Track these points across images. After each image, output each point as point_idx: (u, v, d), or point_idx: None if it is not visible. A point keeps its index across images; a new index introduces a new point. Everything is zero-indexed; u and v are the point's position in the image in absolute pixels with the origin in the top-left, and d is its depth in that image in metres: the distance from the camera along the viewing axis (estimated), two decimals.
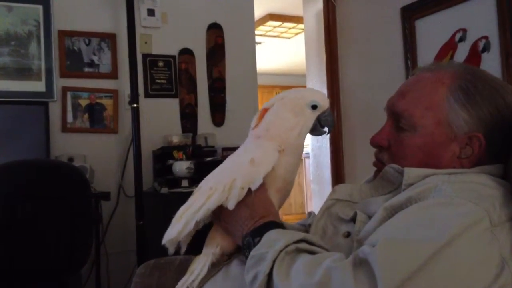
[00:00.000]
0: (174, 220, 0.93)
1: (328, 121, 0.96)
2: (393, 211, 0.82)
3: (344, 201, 1.00)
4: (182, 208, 0.94)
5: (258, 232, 0.85)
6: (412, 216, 0.78)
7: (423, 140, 0.92)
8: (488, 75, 0.96)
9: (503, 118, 0.90)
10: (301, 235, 0.81)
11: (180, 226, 0.90)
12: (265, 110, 0.96)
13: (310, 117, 0.95)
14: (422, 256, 0.68)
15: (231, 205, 0.87)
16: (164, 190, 2.64)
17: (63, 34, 2.96)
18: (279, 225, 0.87)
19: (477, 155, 0.90)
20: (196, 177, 2.69)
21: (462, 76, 0.93)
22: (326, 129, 0.97)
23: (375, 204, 0.90)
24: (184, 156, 2.76)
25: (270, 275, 0.75)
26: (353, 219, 0.91)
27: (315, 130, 0.97)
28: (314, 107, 0.94)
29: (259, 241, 0.83)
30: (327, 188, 3.92)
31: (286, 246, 0.77)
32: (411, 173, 0.89)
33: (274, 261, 0.76)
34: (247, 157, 0.91)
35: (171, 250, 0.93)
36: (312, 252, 0.78)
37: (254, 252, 0.80)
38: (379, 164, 1.00)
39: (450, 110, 0.90)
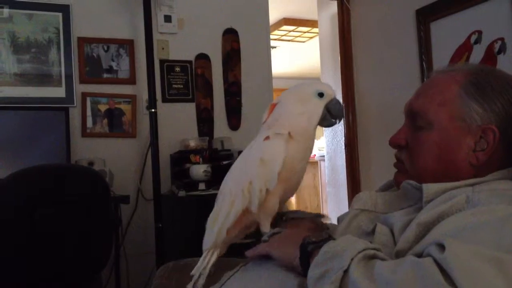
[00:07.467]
0: (207, 228, 1.01)
1: (337, 108, 1.00)
2: (427, 228, 0.80)
3: (368, 211, 1.00)
4: (211, 216, 1.01)
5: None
6: (467, 221, 0.76)
7: (438, 136, 0.92)
8: (502, 72, 0.96)
9: None
10: (376, 245, 0.79)
11: (214, 235, 0.98)
12: (274, 105, 1.02)
13: (318, 105, 0.99)
14: (494, 259, 0.65)
15: (254, 208, 0.95)
16: (182, 193, 2.67)
17: (82, 41, 3.01)
18: None
19: (492, 148, 0.90)
20: (213, 180, 2.73)
21: (474, 73, 0.94)
22: (336, 120, 1.01)
23: (393, 217, 0.90)
24: (201, 159, 2.79)
25: (345, 272, 0.72)
26: (374, 231, 0.90)
27: (325, 120, 1.00)
28: (320, 95, 0.98)
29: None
30: (343, 190, 3.92)
31: (364, 250, 0.75)
32: (429, 189, 0.87)
33: (352, 259, 0.73)
34: (257, 155, 0.97)
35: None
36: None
37: (328, 248, 0.78)
38: (399, 164, 1.01)
39: (462, 104, 0.91)
